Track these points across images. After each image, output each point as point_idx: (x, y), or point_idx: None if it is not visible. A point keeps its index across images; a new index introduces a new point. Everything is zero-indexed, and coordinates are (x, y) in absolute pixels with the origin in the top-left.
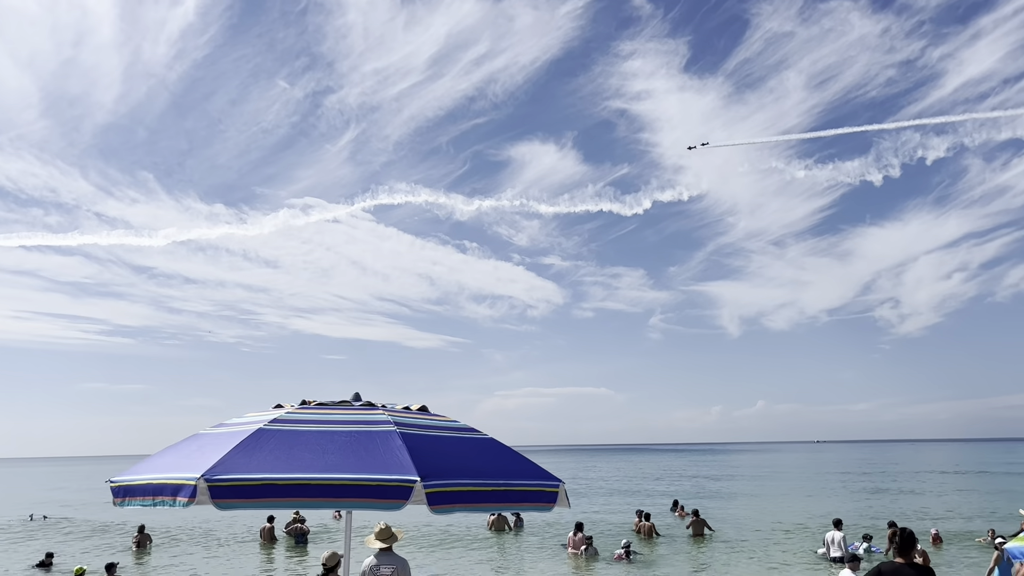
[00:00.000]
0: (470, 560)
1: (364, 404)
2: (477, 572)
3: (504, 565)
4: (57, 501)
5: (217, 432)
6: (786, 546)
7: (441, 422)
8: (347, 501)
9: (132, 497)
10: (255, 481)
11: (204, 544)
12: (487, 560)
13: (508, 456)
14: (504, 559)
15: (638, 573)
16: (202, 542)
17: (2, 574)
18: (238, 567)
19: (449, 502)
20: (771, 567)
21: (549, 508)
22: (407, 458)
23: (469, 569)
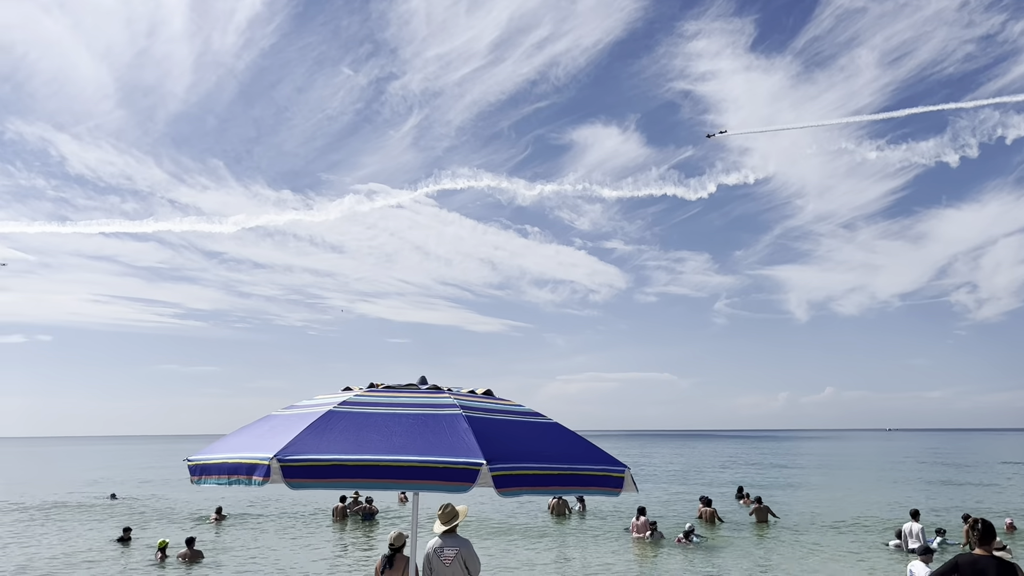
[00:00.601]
0: (533, 544)
1: (430, 388)
2: (541, 556)
3: (567, 549)
4: (135, 479)
5: (288, 414)
6: (854, 537)
7: (506, 406)
8: (415, 483)
9: (209, 475)
10: (325, 462)
11: (277, 521)
12: (550, 545)
13: (573, 441)
14: (567, 543)
15: (700, 557)
16: (276, 520)
17: (85, 550)
18: (310, 544)
19: (515, 485)
20: (838, 557)
21: (615, 493)
22: (473, 441)
23: (533, 553)
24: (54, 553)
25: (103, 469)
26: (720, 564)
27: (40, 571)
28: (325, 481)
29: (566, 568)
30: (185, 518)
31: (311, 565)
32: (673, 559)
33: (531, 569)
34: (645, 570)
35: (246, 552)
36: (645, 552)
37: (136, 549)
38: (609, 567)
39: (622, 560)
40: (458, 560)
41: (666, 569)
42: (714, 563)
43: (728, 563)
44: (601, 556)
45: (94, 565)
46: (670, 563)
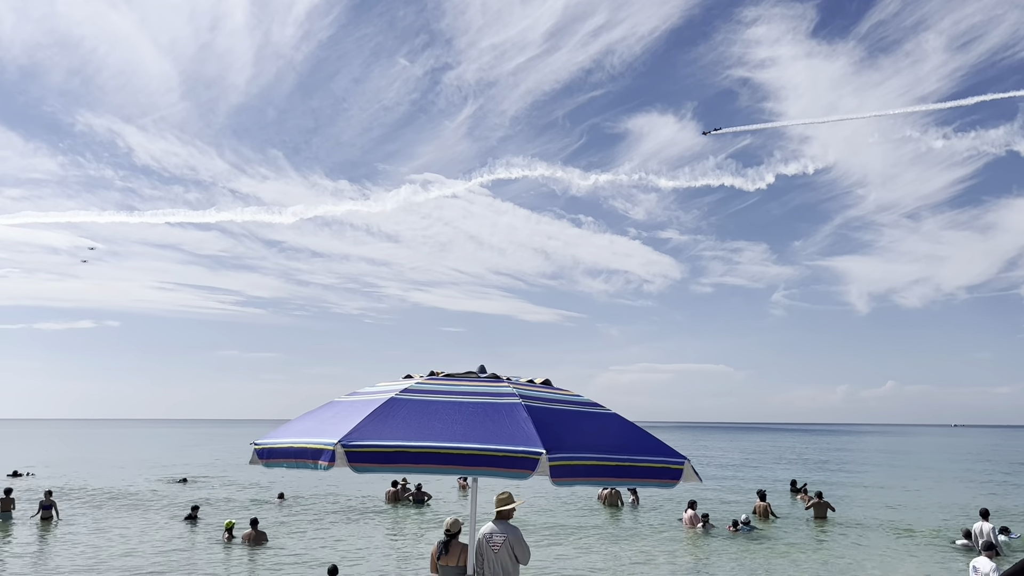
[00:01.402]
0: (585, 535)
1: (489, 376)
2: (593, 546)
3: (619, 540)
4: (202, 462)
5: (351, 400)
6: (916, 535)
7: (564, 396)
8: (475, 469)
9: (275, 459)
10: (388, 448)
11: (335, 504)
12: (602, 536)
13: (632, 432)
14: (619, 535)
15: (754, 551)
16: (333, 503)
17: (154, 529)
18: (366, 528)
19: (572, 475)
20: (898, 555)
21: (672, 485)
22: (532, 430)
23: (585, 544)
24: (128, 533)
25: (170, 452)
26: (773, 559)
27: (114, 550)
28: (388, 466)
29: (618, 559)
30: (249, 500)
31: (367, 549)
32: (724, 552)
33: (583, 559)
34: (696, 562)
35: (306, 534)
36: (697, 544)
37: (202, 529)
38: (659, 558)
39: (673, 552)
40: (506, 546)
41: (716, 562)
42: (767, 557)
43: (781, 558)
44: (652, 547)
45: (165, 544)
46: (720, 556)
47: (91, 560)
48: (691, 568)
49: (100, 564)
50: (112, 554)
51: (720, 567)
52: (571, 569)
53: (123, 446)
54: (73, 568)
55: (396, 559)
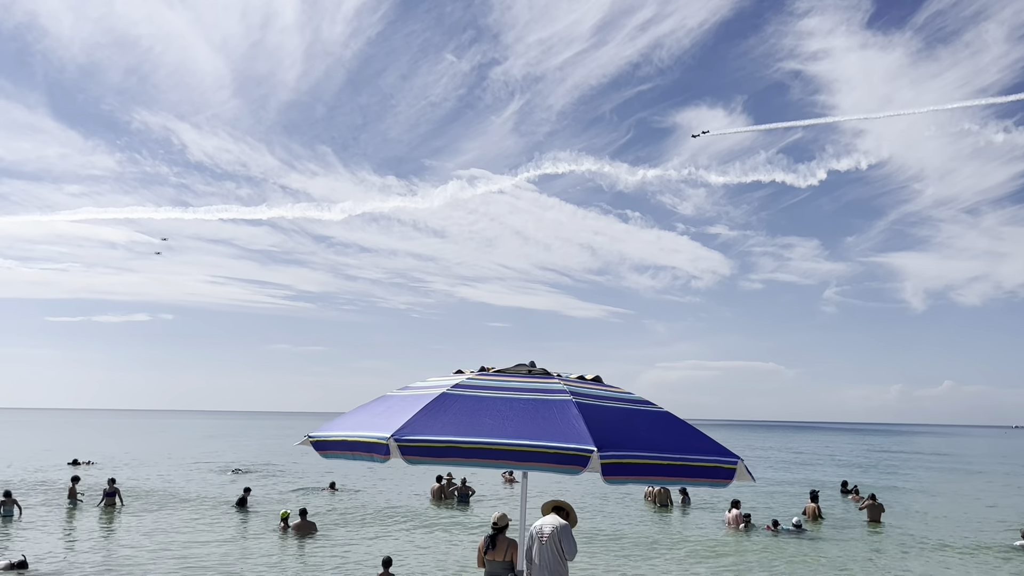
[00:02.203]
0: (632, 530)
1: (540, 372)
2: (641, 540)
3: (663, 536)
4: (254, 453)
5: (404, 394)
6: (975, 539)
7: (615, 393)
8: (527, 465)
9: (329, 450)
10: (441, 443)
11: (382, 496)
12: (647, 533)
13: (684, 430)
14: (666, 532)
15: (797, 553)
16: (381, 495)
17: (209, 517)
18: (413, 518)
19: (623, 473)
20: (956, 556)
21: (725, 484)
22: (583, 428)
23: (633, 539)
24: (185, 520)
25: (223, 442)
26: (819, 560)
27: (173, 537)
28: (440, 460)
29: (658, 558)
30: (300, 490)
31: (414, 541)
32: (765, 552)
33: (624, 557)
34: (738, 563)
35: (355, 525)
36: (740, 544)
37: (254, 518)
38: (700, 556)
39: (715, 551)
40: (554, 538)
41: (755, 562)
42: (812, 559)
43: (828, 560)
44: (691, 547)
45: (219, 532)
46: (759, 556)
47: (153, 545)
48: (731, 570)
49: (162, 549)
50: (172, 541)
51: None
52: (603, 566)
53: (178, 436)
54: (137, 552)
55: (442, 553)
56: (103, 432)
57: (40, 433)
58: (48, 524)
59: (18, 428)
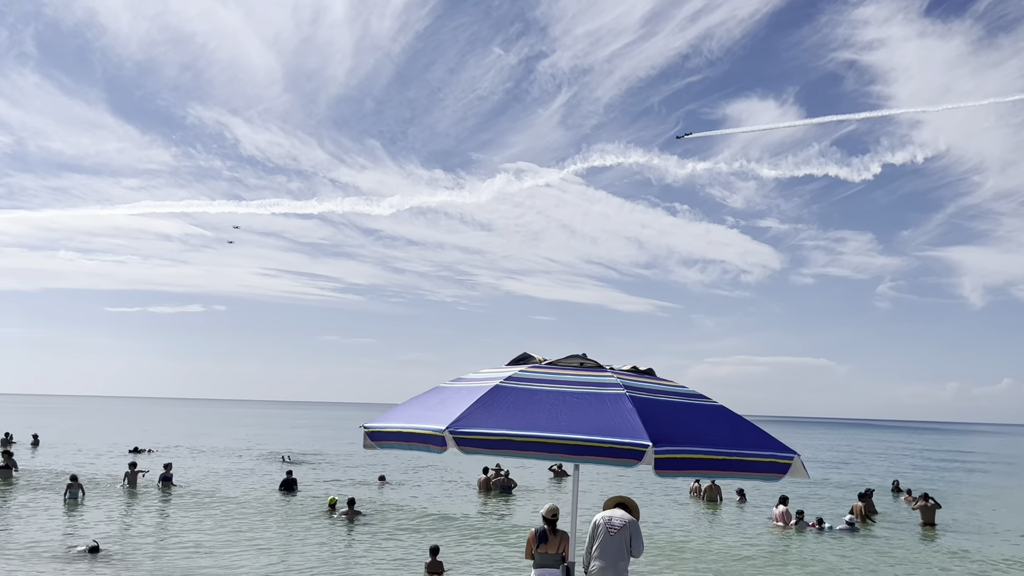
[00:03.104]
0: (678, 525)
1: (592, 365)
2: (687, 536)
3: (710, 532)
4: (306, 442)
5: (457, 386)
6: None
7: (669, 387)
8: (581, 459)
9: (385, 441)
10: (495, 436)
11: (431, 488)
12: (691, 529)
13: (739, 425)
14: (711, 527)
15: (852, 550)
16: (430, 487)
17: (257, 497)
18: (459, 507)
19: (677, 468)
20: (1005, 566)
21: (779, 478)
22: (638, 422)
23: (680, 535)
24: (235, 504)
25: (276, 431)
26: (867, 562)
27: (218, 519)
28: (496, 452)
29: (705, 553)
30: (350, 480)
31: (461, 531)
32: (813, 551)
33: (668, 552)
34: (785, 560)
35: (403, 514)
36: (788, 541)
37: (300, 503)
38: (745, 552)
39: (759, 549)
40: (624, 532)
41: (801, 560)
42: (861, 560)
43: (876, 562)
44: (738, 543)
45: (266, 516)
46: (806, 555)
47: (205, 527)
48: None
49: (213, 532)
50: (222, 525)
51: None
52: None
53: (231, 425)
54: (190, 534)
55: (487, 543)
56: (159, 420)
57: (101, 420)
58: (111, 508)
59: (80, 415)
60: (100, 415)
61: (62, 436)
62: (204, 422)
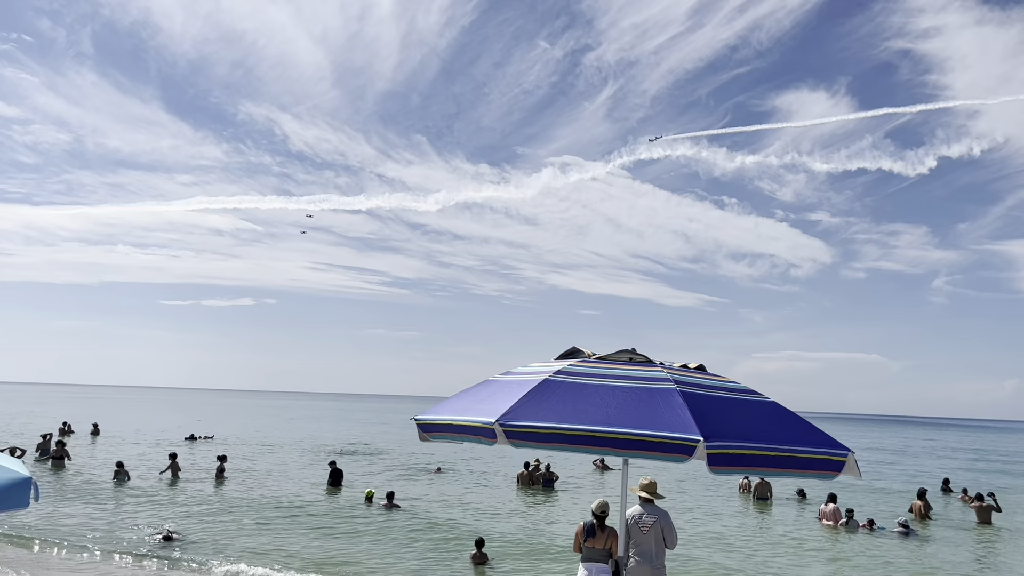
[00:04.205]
0: (726, 522)
1: (642, 360)
2: (735, 534)
3: (758, 529)
4: (353, 433)
5: (506, 380)
6: None
7: (720, 382)
8: (631, 453)
9: (436, 433)
10: (544, 429)
11: (478, 478)
12: (742, 525)
13: (792, 421)
14: (759, 524)
15: (907, 551)
16: (479, 477)
17: (305, 491)
18: (502, 500)
19: (729, 464)
20: None
21: (834, 476)
22: (688, 417)
23: (724, 530)
24: (285, 493)
25: (325, 422)
26: (922, 564)
27: (266, 508)
28: (545, 445)
29: (753, 552)
30: (402, 471)
31: (507, 524)
32: (865, 551)
33: (720, 549)
34: (834, 559)
35: (449, 506)
36: (836, 540)
37: (348, 493)
38: (796, 551)
39: (806, 547)
40: (656, 528)
41: (853, 560)
42: (916, 562)
43: (931, 564)
44: (785, 541)
45: (310, 506)
46: (858, 555)
47: (256, 515)
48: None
49: (264, 519)
50: (273, 514)
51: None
52: (695, 563)
53: (281, 416)
54: (241, 521)
55: (529, 536)
56: (212, 411)
57: (156, 410)
58: (173, 495)
59: (137, 406)
60: (156, 405)
61: (120, 426)
62: (255, 413)
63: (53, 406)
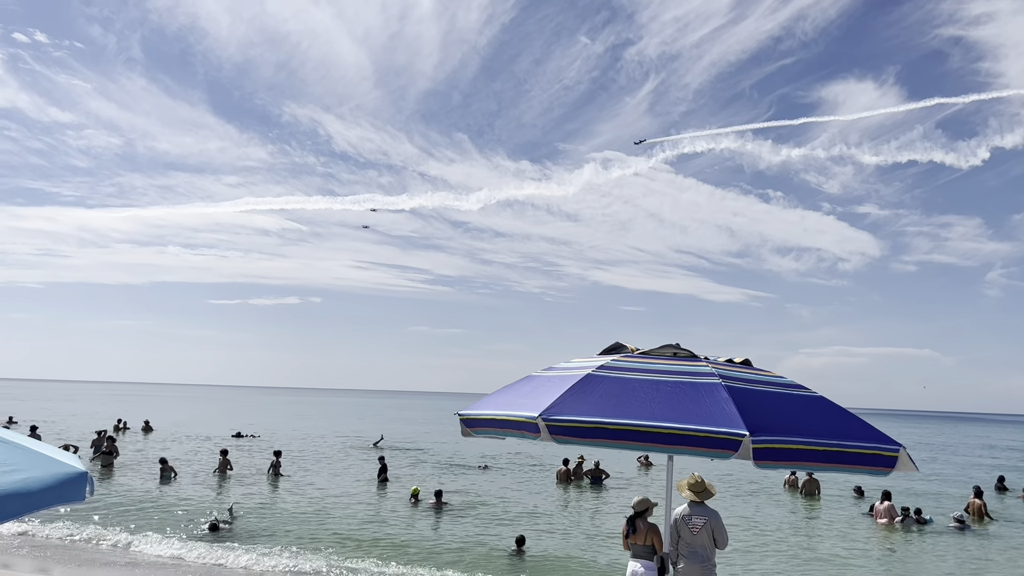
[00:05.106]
0: (774, 519)
1: (686, 354)
2: (783, 532)
3: (806, 526)
4: (399, 430)
5: (549, 375)
6: None
7: (766, 377)
8: (675, 448)
9: (479, 428)
10: (588, 423)
11: (524, 472)
12: (792, 522)
13: (840, 416)
14: (808, 523)
15: (963, 549)
16: (532, 468)
17: (355, 486)
18: (547, 497)
19: (776, 459)
20: None
21: (886, 473)
22: (734, 411)
23: (775, 527)
24: (335, 488)
25: (370, 420)
26: (977, 562)
27: (321, 502)
28: (588, 440)
29: (809, 550)
30: (448, 467)
31: (550, 523)
32: (923, 548)
33: (773, 544)
34: (889, 557)
35: (493, 504)
36: (890, 539)
37: (392, 491)
38: (840, 546)
39: (858, 545)
40: (706, 529)
41: (909, 559)
42: (976, 559)
43: (985, 561)
44: (834, 537)
45: (356, 502)
46: (915, 553)
47: (311, 507)
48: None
49: (319, 511)
50: (326, 509)
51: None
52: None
53: (328, 413)
54: (300, 512)
55: (573, 535)
56: (259, 408)
57: (205, 408)
58: (222, 489)
59: (186, 403)
60: (204, 403)
61: (171, 423)
62: (302, 410)
63: (109, 404)
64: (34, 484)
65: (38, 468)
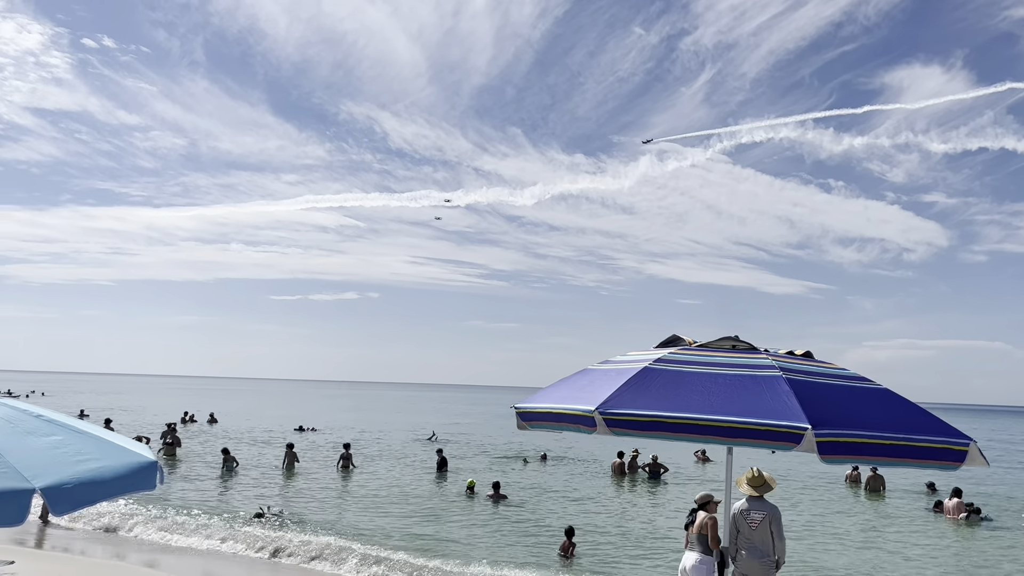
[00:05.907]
0: (838, 516)
1: (745, 347)
2: (849, 530)
3: (871, 523)
4: (457, 422)
5: (605, 368)
6: None
7: (829, 369)
8: (735, 441)
9: (536, 422)
10: (645, 417)
11: (583, 464)
12: (857, 519)
13: (906, 408)
14: (872, 518)
15: None
16: (583, 465)
17: (417, 478)
18: (603, 489)
19: (841, 452)
20: None
21: (955, 467)
22: (796, 404)
23: (834, 525)
24: (397, 481)
25: (429, 415)
26: None
27: (369, 495)
28: (646, 433)
29: (871, 547)
30: (504, 459)
31: (606, 514)
32: (998, 546)
33: (837, 544)
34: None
35: (549, 495)
36: (960, 535)
37: (451, 483)
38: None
39: (925, 543)
40: (765, 524)
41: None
42: None
43: None
44: (903, 533)
45: (414, 494)
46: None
47: (377, 500)
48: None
49: (385, 503)
50: (394, 501)
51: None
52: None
53: (388, 406)
54: (368, 505)
55: (629, 528)
56: (319, 401)
57: (268, 401)
58: (282, 481)
59: (250, 396)
60: (268, 396)
61: (235, 415)
62: (359, 403)
63: (177, 397)
64: (108, 473)
65: (111, 457)
